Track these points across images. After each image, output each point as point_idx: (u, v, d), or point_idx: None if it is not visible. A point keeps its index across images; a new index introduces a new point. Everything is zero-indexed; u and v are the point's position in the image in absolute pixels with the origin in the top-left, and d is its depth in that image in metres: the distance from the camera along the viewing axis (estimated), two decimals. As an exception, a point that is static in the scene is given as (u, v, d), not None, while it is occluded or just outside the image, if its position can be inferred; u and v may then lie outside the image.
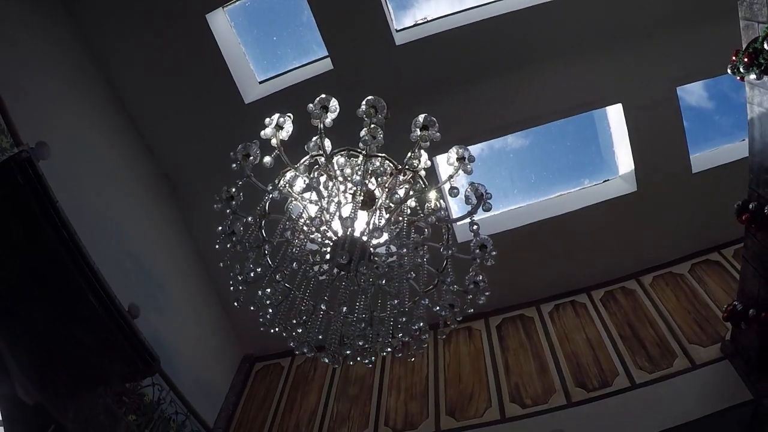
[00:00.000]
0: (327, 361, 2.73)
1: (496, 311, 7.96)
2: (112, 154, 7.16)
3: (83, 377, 5.20)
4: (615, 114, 7.55)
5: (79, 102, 6.77)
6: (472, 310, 3.07)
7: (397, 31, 7.17)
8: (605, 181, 8.15)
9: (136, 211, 7.33)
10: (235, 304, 3.05)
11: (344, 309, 2.62)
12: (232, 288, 3.12)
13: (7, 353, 4.71)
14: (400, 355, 3.01)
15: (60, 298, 4.82)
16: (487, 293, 3.11)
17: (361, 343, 2.70)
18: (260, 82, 7.86)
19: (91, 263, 4.76)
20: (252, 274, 2.98)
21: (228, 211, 3.14)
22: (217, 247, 3.13)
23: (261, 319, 3.01)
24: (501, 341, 7.55)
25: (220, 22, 7.21)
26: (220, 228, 3.08)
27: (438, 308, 3.04)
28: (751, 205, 4.78)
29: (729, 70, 4.31)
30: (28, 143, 4.94)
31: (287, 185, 3.19)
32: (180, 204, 8.19)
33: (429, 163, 3.30)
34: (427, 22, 7.27)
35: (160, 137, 7.77)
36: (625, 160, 7.76)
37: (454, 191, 2.93)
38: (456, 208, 7.40)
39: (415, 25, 7.28)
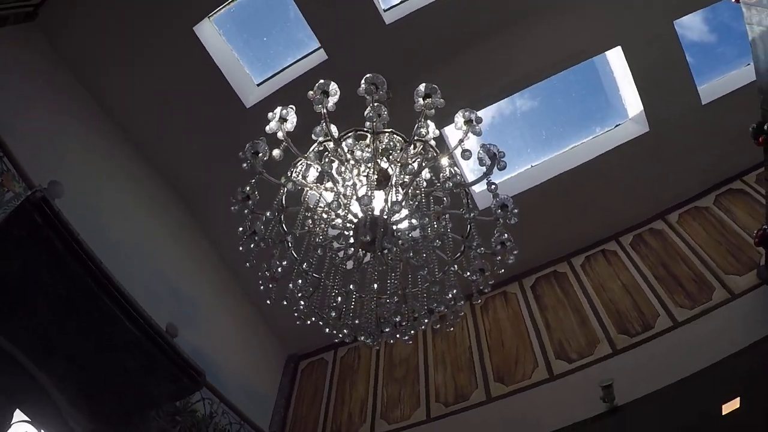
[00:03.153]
0: (366, 341, 2.74)
1: (529, 271, 7.94)
2: (124, 179, 7.21)
3: (133, 402, 5.27)
4: (616, 58, 7.42)
5: (82, 135, 6.83)
6: (503, 271, 3.05)
7: (385, 10, 7.10)
8: (616, 125, 8.03)
9: (157, 231, 7.39)
10: (268, 302, 3.07)
11: (375, 286, 2.62)
12: (262, 287, 3.14)
13: (54, 390, 4.78)
14: (438, 327, 3.01)
15: (98, 329, 4.86)
16: (515, 252, 3.09)
17: (397, 319, 2.70)
18: (258, 85, 7.86)
19: (121, 290, 4.81)
20: (279, 269, 2.99)
21: (246, 211, 3.14)
22: (241, 248, 3.14)
23: (296, 313, 3.03)
24: (537, 300, 7.53)
25: (208, 32, 7.23)
26: (240, 229, 3.09)
27: (468, 274, 3.02)
28: (766, 126, 4.65)
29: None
30: (40, 184, 4.97)
31: (300, 176, 3.19)
32: (199, 217, 8.20)
33: (437, 132, 3.28)
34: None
35: (169, 155, 7.79)
36: (633, 102, 7.65)
37: (466, 154, 2.92)
38: (472, 176, 7.34)
39: (401, 2, 7.20)
